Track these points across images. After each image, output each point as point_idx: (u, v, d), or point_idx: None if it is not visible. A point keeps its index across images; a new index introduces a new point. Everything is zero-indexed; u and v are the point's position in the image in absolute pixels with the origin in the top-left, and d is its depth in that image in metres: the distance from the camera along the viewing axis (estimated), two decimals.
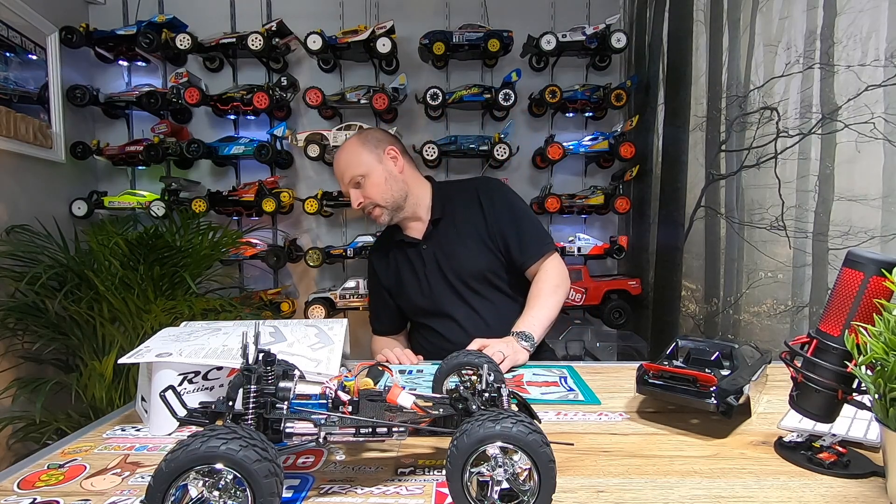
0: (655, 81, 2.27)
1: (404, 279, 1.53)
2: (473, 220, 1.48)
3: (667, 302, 2.08)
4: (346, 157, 1.46)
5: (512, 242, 1.45)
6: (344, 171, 1.47)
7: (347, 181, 1.46)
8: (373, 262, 1.63)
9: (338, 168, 1.49)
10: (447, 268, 1.47)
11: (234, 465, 0.48)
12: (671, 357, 0.89)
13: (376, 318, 1.65)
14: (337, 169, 1.49)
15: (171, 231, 2.08)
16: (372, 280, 1.64)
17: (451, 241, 1.48)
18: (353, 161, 1.46)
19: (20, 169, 2.14)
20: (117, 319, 1.85)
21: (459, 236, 1.47)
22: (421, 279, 1.50)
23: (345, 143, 1.50)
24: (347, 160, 1.46)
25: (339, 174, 1.49)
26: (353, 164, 1.45)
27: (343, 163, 1.47)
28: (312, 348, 0.85)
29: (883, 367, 0.57)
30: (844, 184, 1.53)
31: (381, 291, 1.60)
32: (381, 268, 1.59)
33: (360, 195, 1.46)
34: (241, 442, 0.49)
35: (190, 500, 0.49)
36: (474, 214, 1.48)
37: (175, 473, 0.48)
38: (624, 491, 0.62)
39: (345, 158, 1.47)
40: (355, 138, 1.49)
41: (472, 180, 1.62)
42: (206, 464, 0.48)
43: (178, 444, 0.49)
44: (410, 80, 2.53)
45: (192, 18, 2.46)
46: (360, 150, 1.46)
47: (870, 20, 1.48)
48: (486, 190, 1.52)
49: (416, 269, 1.51)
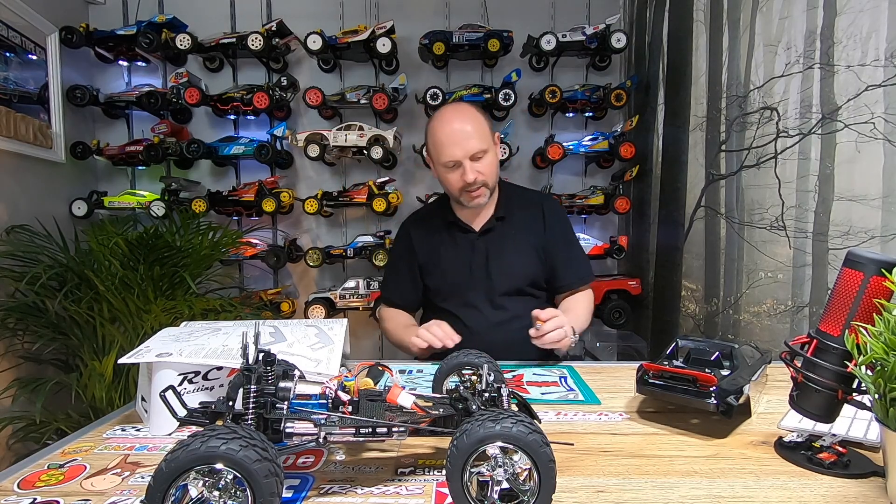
0: (655, 81, 2.27)
1: (444, 260, 1.46)
2: (534, 230, 1.46)
3: (667, 302, 2.08)
4: (475, 126, 1.33)
5: (560, 263, 1.44)
6: (469, 138, 1.32)
7: (468, 152, 1.32)
8: (410, 232, 1.52)
9: (461, 134, 1.32)
10: (495, 266, 1.43)
11: (234, 465, 0.48)
12: (671, 357, 0.89)
13: (394, 289, 1.54)
14: (458, 135, 1.32)
15: (171, 231, 2.08)
16: (402, 250, 1.53)
17: (507, 243, 1.44)
18: (481, 132, 1.34)
19: (20, 169, 2.14)
20: (117, 319, 1.85)
21: (516, 241, 1.44)
22: (464, 266, 1.44)
23: (465, 111, 1.37)
24: (476, 129, 1.33)
25: (459, 141, 1.32)
26: (481, 134, 1.34)
27: (471, 130, 1.32)
28: (312, 348, 0.85)
29: (883, 367, 0.57)
30: (844, 184, 1.53)
31: (409, 264, 1.50)
32: (419, 240, 1.50)
33: (476, 169, 1.34)
34: (242, 442, 0.49)
35: (190, 500, 0.49)
36: (535, 224, 1.46)
37: (175, 473, 0.48)
38: (624, 491, 0.62)
39: (473, 127, 1.33)
40: (475, 111, 1.38)
41: (537, 193, 1.62)
42: (207, 464, 0.48)
43: (179, 444, 0.49)
44: (410, 80, 2.53)
45: (192, 18, 2.46)
46: (485, 124, 1.36)
47: (870, 20, 1.48)
48: (550, 205, 1.51)
49: (462, 256, 1.45)
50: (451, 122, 1.34)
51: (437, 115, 1.38)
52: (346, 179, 2.67)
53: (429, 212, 1.58)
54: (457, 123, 1.33)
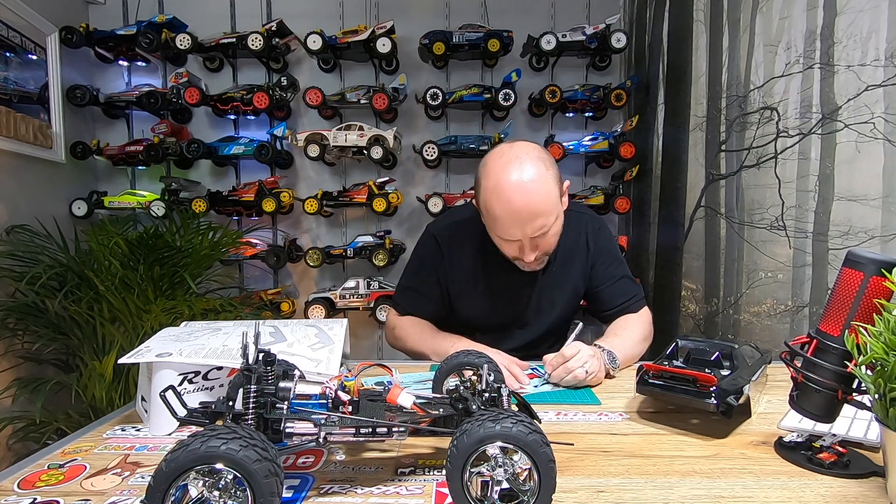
0: (655, 81, 2.27)
1: (478, 296, 1.29)
2: (578, 262, 1.30)
3: (667, 302, 2.08)
4: (542, 200, 1.07)
5: (606, 286, 1.30)
6: (535, 219, 1.07)
7: (532, 233, 1.08)
8: (442, 249, 1.30)
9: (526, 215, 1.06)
10: (534, 310, 1.31)
11: (234, 465, 0.48)
12: (671, 357, 0.89)
13: (415, 304, 1.33)
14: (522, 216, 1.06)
15: (171, 231, 2.08)
16: (430, 264, 1.31)
17: (551, 285, 1.29)
18: (549, 205, 1.08)
19: (20, 169, 2.14)
20: (117, 319, 1.85)
21: (559, 281, 1.30)
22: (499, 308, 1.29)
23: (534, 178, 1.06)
24: (543, 205, 1.07)
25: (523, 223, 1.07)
26: (550, 209, 1.08)
27: (538, 208, 1.06)
28: (312, 348, 0.85)
29: (883, 367, 0.57)
30: (844, 184, 1.53)
31: (438, 283, 1.31)
32: (452, 263, 1.29)
33: (538, 246, 1.12)
34: (242, 442, 0.49)
35: (190, 500, 0.49)
36: (579, 257, 1.31)
37: (175, 473, 0.47)
38: (624, 491, 0.62)
39: (540, 203, 1.06)
40: (546, 172, 1.08)
41: (582, 214, 1.35)
42: (207, 464, 0.48)
43: (178, 444, 0.48)
44: (410, 80, 2.53)
45: (192, 18, 2.46)
46: (553, 189, 1.09)
47: (870, 20, 1.48)
48: (594, 231, 1.33)
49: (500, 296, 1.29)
50: (513, 195, 1.05)
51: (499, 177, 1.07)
52: (346, 179, 2.67)
53: (464, 226, 1.30)
54: (521, 197, 1.05)
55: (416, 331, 1.30)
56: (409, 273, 1.38)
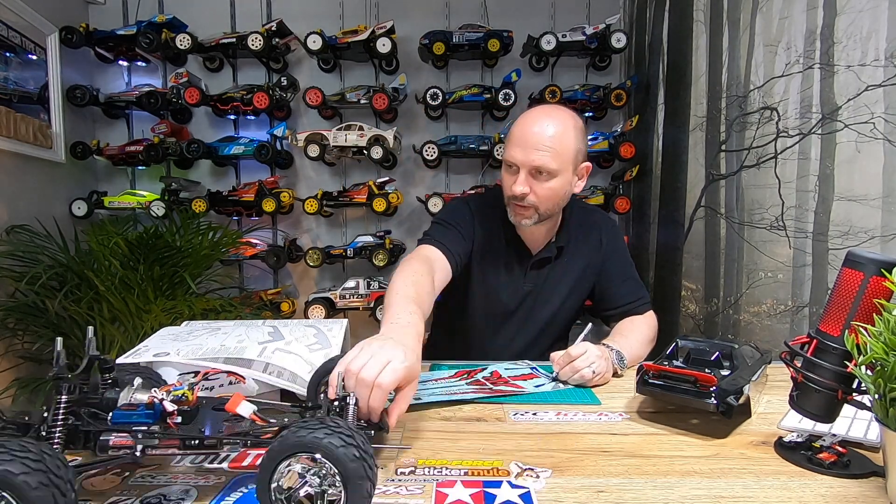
0: (655, 81, 2.27)
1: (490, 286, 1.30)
2: (588, 257, 1.31)
3: (667, 302, 2.08)
4: (556, 139, 1.12)
5: (614, 287, 1.31)
6: (540, 147, 1.11)
7: (530, 162, 1.12)
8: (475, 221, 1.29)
9: (535, 138, 1.11)
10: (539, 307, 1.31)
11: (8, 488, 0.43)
12: (671, 357, 0.89)
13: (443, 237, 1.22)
14: (531, 137, 1.12)
15: (171, 231, 2.08)
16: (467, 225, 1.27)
17: (559, 275, 1.30)
18: (560, 148, 1.12)
19: (20, 169, 2.14)
20: (117, 319, 1.85)
21: (568, 273, 1.30)
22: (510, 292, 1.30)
23: (557, 116, 1.14)
24: (556, 143, 1.12)
25: (529, 145, 1.12)
26: (558, 151, 1.12)
27: (549, 140, 1.11)
28: (310, 349, 0.85)
29: (883, 367, 0.57)
30: (844, 184, 1.53)
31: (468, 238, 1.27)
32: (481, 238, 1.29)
33: (528, 186, 1.14)
34: (6, 456, 0.44)
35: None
36: (591, 252, 1.32)
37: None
38: (624, 491, 0.62)
39: (553, 139, 1.11)
40: (571, 124, 1.14)
41: (595, 213, 1.40)
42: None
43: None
44: (410, 80, 2.53)
45: (192, 18, 2.46)
46: (570, 143, 1.14)
47: (870, 20, 1.47)
48: (608, 231, 1.35)
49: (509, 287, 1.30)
50: (533, 122, 1.13)
51: (530, 110, 1.20)
52: (346, 179, 2.67)
53: (489, 207, 1.32)
54: (538, 126, 1.12)
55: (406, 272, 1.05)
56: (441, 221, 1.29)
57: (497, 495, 0.61)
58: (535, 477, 0.65)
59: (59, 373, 0.56)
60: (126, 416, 0.58)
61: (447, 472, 0.67)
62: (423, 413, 0.87)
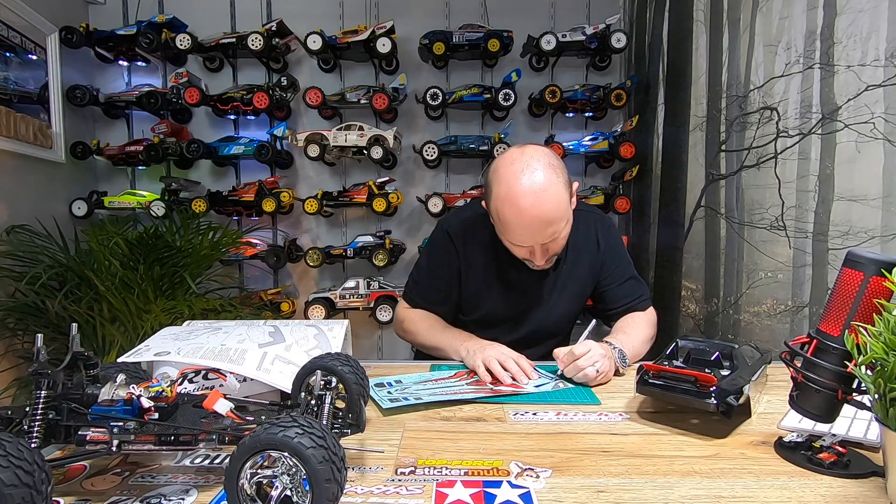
0: (655, 81, 2.27)
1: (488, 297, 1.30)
2: (588, 260, 1.30)
3: (667, 302, 2.08)
4: (553, 209, 1.07)
5: (613, 286, 1.31)
6: (546, 227, 1.08)
7: (542, 240, 1.10)
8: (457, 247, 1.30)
9: (537, 224, 1.07)
10: (541, 312, 1.30)
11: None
12: (671, 357, 0.89)
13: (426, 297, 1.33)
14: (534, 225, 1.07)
15: (171, 231, 2.08)
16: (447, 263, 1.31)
17: (561, 284, 1.29)
18: (560, 212, 1.08)
19: (20, 169, 2.14)
20: (117, 319, 1.85)
21: (569, 280, 1.29)
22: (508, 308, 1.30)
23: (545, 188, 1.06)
24: (555, 213, 1.07)
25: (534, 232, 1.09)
26: (561, 216, 1.09)
27: (549, 216, 1.07)
28: (309, 353, 0.85)
29: (883, 367, 0.57)
30: (844, 184, 1.53)
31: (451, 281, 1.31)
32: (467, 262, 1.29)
33: (545, 255, 1.13)
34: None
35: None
36: (590, 255, 1.31)
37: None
38: (624, 491, 0.62)
39: (551, 211, 1.07)
40: (557, 178, 1.08)
41: (591, 213, 1.37)
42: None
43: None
44: (410, 80, 2.53)
45: (192, 18, 2.46)
46: (564, 195, 1.09)
47: (870, 20, 1.47)
48: (605, 230, 1.33)
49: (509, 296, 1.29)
50: (527, 207, 1.06)
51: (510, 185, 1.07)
52: (346, 179, 2.67)
53: (475, 224, 1.29)
54: (535, 208, 1.05)
55: (427, 325, 1.30)
56: (422, 267, 1.37)
57: (497, 495, 0.61)
58: (535, 477, 0.66)
59: (38, 368, 0.57)
60: (104, 412, 0.58)
61: (447, 472, 0.67)
62: (423, 413, 0.87)
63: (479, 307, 1.32)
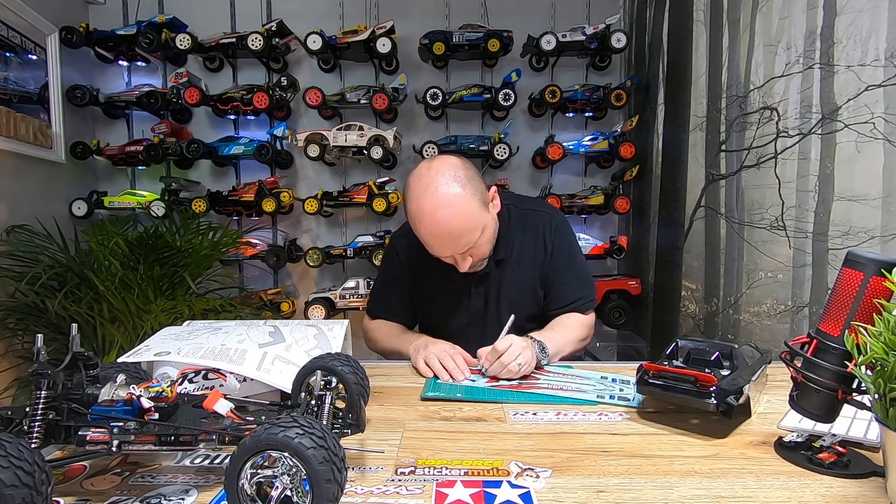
0: (655, 81, 2.27)
1: (438, 302, 1.34)
2: (536, 263, 1.31)
3: (667, 302, 2.08)
4: (461, 221, 1.10)
5: (557, 285, 1.31)
6: (458, 239, 1.11)
7: (460, 250, 1.14)
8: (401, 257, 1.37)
9: (448, 238, 1.11)
10: (493, 310, 1.31)
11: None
12: (671, 357, 0.89)
13: (383, 309, 1.41)
14: (444, 238, 1.12)
15: (171, 231, 2.08)
16: (394, 270, 1.39)
17: (507, 285, 1.30)
18: (470, 224, 1.11)
19: (20, 169, 2.14)
20: (117, 319, 1.85)
21: (515, 281, 1.30)
22: (459, 310, 1.32)
23: (450, 202, 1.09)
24: (466, 226, 1.11)
25: (447, 244, 1.13)
26: (472, 227, 1.12)
27: (459, 229, 1.10)
28: (309, 353, 0.85)
29: (883, 367, 0.57)
30: (844, 184, 1.53)
31: (402, 287, 1.38)
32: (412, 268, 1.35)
33: (468, 260, 1.16)
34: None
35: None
36: (537, 256, 1.31)
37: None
38: (624, 491, 0.62)
39: (460, 224, 1.10)
40: (462, 191, 1.10)
41: (540, 213, 1.36)
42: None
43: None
44: (410, 80, 2.53)
45: (192, 18, 2.46)
46: (472, 206, 1.11)
47: (870, 20, 1.47)
48: (553, 230, 1.32)
49: (458, 298, 1.32)
50: (437, 223, 1.10)
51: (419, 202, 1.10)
52: (346, 179, 2.67)
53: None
54: (443, 223, 1.09)
55: (384, 332, 1.38)
56: (378, 281, 1.48)
57: (497, 495, 0.61)
58: (535, 477, 0.66)
59: (38, 368, 0.57)
60: (105, 412, 0.58)
61: (447, 472, 0.67)
62: (423, 413, 0.87)
63: (431, 313, 1.38)
